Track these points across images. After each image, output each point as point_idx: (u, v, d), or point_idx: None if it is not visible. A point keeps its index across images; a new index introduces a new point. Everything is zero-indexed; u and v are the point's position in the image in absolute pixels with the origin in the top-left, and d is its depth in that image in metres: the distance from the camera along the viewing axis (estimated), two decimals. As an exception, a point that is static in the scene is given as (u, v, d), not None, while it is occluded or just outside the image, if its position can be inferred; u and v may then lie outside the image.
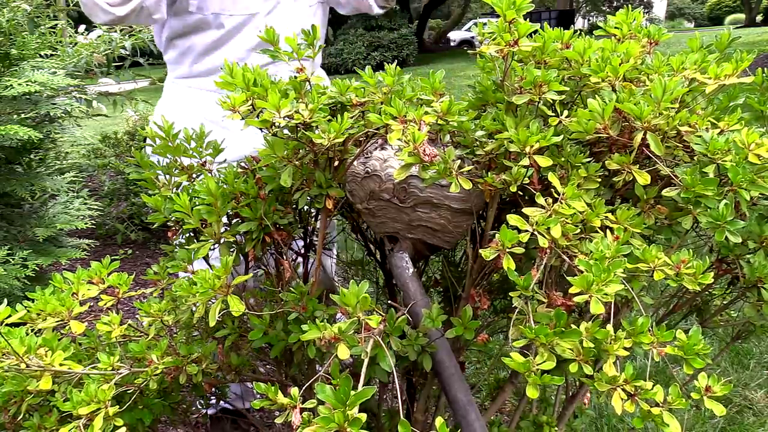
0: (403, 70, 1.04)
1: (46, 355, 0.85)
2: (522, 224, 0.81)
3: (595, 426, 1.96)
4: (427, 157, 0.80)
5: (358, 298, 0.78)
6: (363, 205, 1.02)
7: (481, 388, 2.08)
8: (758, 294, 0.91)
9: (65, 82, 2.32)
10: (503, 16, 0.84)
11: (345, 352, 0.75)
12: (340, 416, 0.65)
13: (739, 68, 0.87)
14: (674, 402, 0.79)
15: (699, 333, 0.81)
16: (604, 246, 0.79)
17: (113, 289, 0.95)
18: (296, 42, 0.96)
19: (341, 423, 0.64)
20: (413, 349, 0.93)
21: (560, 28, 0.94)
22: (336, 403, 0.65)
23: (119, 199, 3.84)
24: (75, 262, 3.17)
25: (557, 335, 0.77)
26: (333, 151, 0.96)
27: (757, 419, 2.00)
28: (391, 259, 1.02)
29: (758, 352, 2.37)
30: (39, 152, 2.67)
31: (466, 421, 0.95)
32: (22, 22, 2.46)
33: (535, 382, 0.76)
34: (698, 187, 0.81)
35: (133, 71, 3.60)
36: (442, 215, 0.98)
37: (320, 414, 0.66)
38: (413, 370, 1.18)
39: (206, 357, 0.98)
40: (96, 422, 0.80)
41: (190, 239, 1.06)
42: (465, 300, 1.03)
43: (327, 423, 0.65)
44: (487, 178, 0.89)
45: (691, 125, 0.87)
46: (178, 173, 1.05)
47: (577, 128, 0.87)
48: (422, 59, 17.02)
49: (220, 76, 0.94)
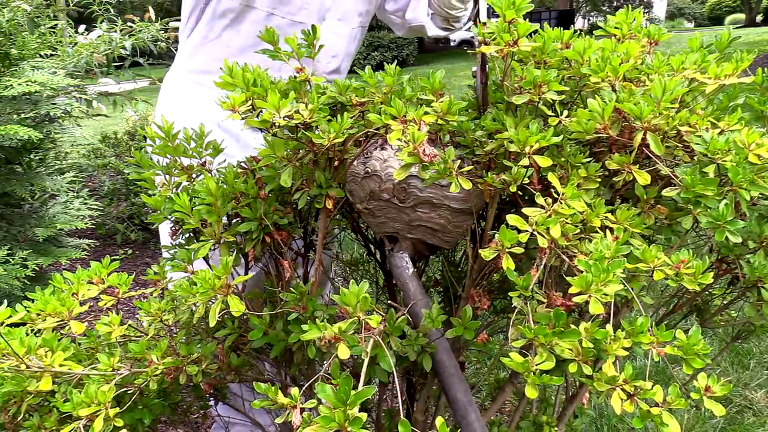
0: (403, 70, 1.04)
1: (46, 356, 0.85)
2: (521, 224, 0.81)
3: (595, 426, 1.96)
4: (427, 157, 0.80)
5: (359, 298, 0.78)
6: (363, 205, 1.02)
7: (481, 388, 2.09)
8: (758, 294, 0.91)
9: (65, 82, 2.32)
10: (503, 16, 0.84)
11: (345, 351, 0.75)
12: (340, 415, 0.65)
13: (739, 68, 0.87)
14: (674, 402, 0.78)
15: (699, 333, 0.80)
16: (603, 246, 0.79)
17: (113, 289, 0.95)
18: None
19: (342, 422, 0.65)
20: (413, 349, 0.93)
21: (560, 28, 0.94)
22: (336, 402, 0.65)
23: (119, 199, 3.84)
24: (75, 262, 3.17)
25: (556, 335, 0.77)
26: (333, 151, 0.96)
27: (757, 419, 2.00)
28: (391, 259, 1.02)
29: (758, 352, 2.37)
30: (39, 152, 2.68)
31: (466, 421, 0.95)
32: (22, 22, 2.46)
33: (534, 382, 0.76)
34: (698, 187, 0.81)
35: (133, 71, 3.60)
36: (441, 215, 0.98)
37: (321, 413, 0.66)
38: (413, 370, 1.18)
39: (206, 357, 0.98)
40: (96, 423, 0.80)
41: (190, 239, 1.06)
42: (465, 300, 1.03)
43: (327, 422, 0.65)
44: (487, 178, 0.89)
45: (691, 125, 0.87)
46: (178, 173, 1.05)
47: (576, 128, 0.87)
48: (422, 59, 17.03)
49: (221, 76, 0.94)
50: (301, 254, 1.18)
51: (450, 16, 1.64)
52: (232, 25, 1.41)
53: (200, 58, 1.47)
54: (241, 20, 1.40)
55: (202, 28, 1.45)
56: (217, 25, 1.42)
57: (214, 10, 1.41)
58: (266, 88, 0.89)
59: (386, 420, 1.23)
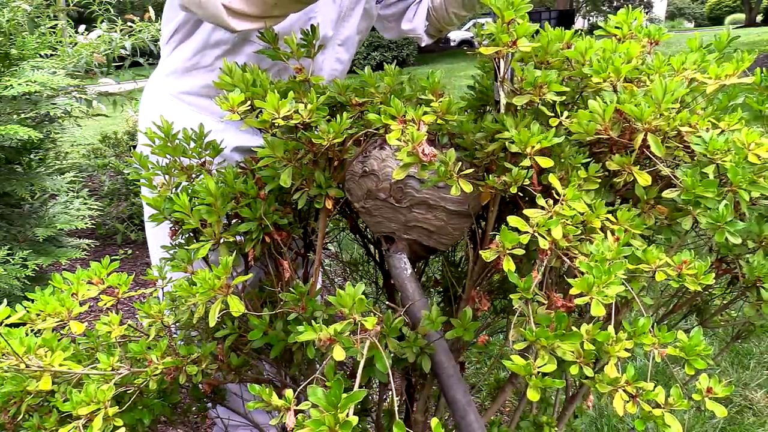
0: (403, 70, 1.04)
1: (45, 356, 0.85)
2: (522, 225, 0.81)
3: (595, 426, 1.96)
4: (426, 157, 0.79)
5: (354, 300, 0.77)
6: (360, 204, 1.02)
7: (481, 388, 2.09)
8: (758, 293, 0.91)
9: (65, 82, 2.32)
10: (501, 16, 0.83)
11: (341, 353, 0.75)
12: (330, 419, 0.64)
13: (740, 69, 0.87)
14: (675, 403, 0.78)
15: (700, 334, 0.80)
16: (604, 248, 0.79)
17: (113, 290, 0.95)
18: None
19: (332, 425, 0.64)
20: (412, 350, 0.93)
21: (562, 28, 0.94)
22: (327, 405, 0.65)
23: (119, 199, 3.84)
24: (75, 262, 3.17)
25: (558, 338, 0.77)
26: (332, 152, 0.96)
27: (757, 419, 2.00)
28: (389, 259, 1.02)
29: (758, 352, 2.37)
30: (39, 152, 2.68)
31: (465, 422, 0.95)
32: (22, 22, 2.46)
33: (536, 385, 0.76)
34: (698, 188, 0.81)
35: (133, 71, 3.60)
36: (438, 217, 0.98)
37: (312, 416, 0.65)
38: (412, 371, 1.18)
39: (206, 357, 0.97)
40: (95, 423, 0.80)
41: (190, 239, 1.06)
42: (465, 301, 1.02)
43: (317, 426, 0.64)
44: (488, 180, 0.89)
45: (691, 125, 0.87)
46: (177, 173, 1.05)
47: (577, 129, 0.87)
48: (422, 59, 17.03)
49: (219, 76, 0.93)
50: (300, 254, 1.18)
51: (444, 28, 1.63)
52: (226, 55, 1.34)
53: (191, 82, 1.40)
54: (237, 52, 1.34)
55: (190, 54, 1.38)
56: (209, 54, 1.36)
57: (205, 40, 1.34)
58: (265, 89, 0.89)
59: (386, 420, 1.23)
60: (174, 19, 1.38)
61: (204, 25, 1.33)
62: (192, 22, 1.35)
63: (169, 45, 1.42)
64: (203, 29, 1.34)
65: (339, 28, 1.41)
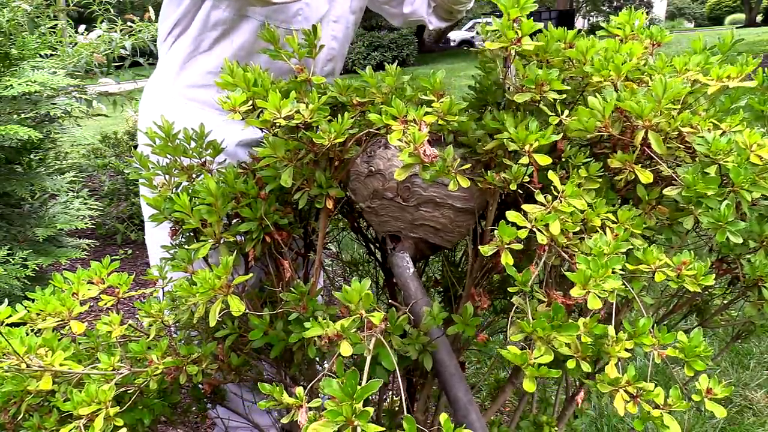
0: (403, 70, 1.04)
1: (46, 355, 0.85)
2: (521, 221, 0.81)
3: (595, 426, 1.96)
4: (428, 158, 0.80)
5: (361, 295, 0.77)
6: (366, 204, 1.02)
7: (481, 388, 2.09)
8: (759, 293, 0.91)
9: (65, 82, 2.32)
10: (507, 14, 0.84)
11: (348, 349, 0.75)
12: (347, 409, 0.65)
13: (744, 72, 0.87)
14: (675, 404, 0.78)
15: (700, 335, 0.80)
16: (602, 243, 0.79)
17: (113, 289, 0.95)
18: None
19: (349, 416, 0.64)
20: (414, 348, 0.93)
21: (564, 28, 0.94)
22: (343, 396, 0.65)
23: (119, 199, 3.84)
24: (75, 262, 3.17)
25: (555, 329, 0.77)
26: (333, 152, 0.96)
27: (757, 419, 2.00)
28: (392, 258, 1.02)
29: (758, 352, 2.37)
30: (39, 152, 2.68)
31: (467, 421, 0.95)
32: (22, 22, 2.46)
33: (532, 375, 0.76)
34: (699, 186, 0.81)
35: (133, 71, 3.60)
36: (444, 214, 0.98)
37: (328, 409, 0.66)
38: (413, 370, 1.18)
39: (206, 357, 0.97)
40: (96, 423, 0.80)
41: (191, 239, 1.06)
42: (465, 299, 1.03)
43: (335, 416, 0.65)
44: (487, 177, 0.89)
45: (693, 126, 0.87)
46: (178, 173, 1.05)
47: (577, 126, 0.87)
48: (422, 59, 17.03)
49: (221, 75, 0.93)
50: (301, 254, 1.18)
51: (454, 10, 1.62)
52: (224, 36, 1.35)
53: (191, 72, 1.40)
54: (234, 31, 1.35)
55: (189, 42, 1.38)
56: (207, 38, 1.36)
57: (204, 22, 1.35)
58: (267, 88, 0.89)
59: (386, 420, 1.23)
60: (173, 13, 1.38)
61: (202, 10, 1.34)
62: (192, 12, 1.36)
63: (167, 41, 1.42)
64: (201, 13, 1.34)
65: (333, 2, 1.43)
